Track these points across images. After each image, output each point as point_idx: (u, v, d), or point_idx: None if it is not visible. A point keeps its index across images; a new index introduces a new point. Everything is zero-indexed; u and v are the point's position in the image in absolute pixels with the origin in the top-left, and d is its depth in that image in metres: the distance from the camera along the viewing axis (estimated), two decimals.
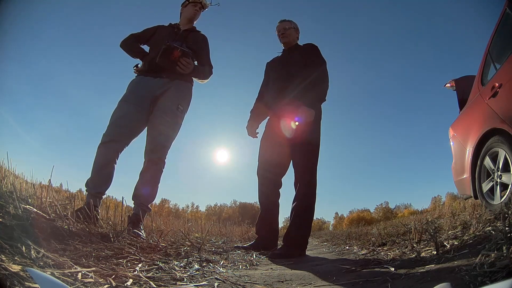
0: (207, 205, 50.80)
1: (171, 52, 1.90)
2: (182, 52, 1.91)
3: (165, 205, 41.04)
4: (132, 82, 2.02)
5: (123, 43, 2.11)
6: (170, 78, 1.97)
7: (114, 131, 1.83)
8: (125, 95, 1.96)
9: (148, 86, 1.95)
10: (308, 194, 2.09)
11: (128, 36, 2.12)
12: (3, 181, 1.51)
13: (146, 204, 1.87)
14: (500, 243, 0.82)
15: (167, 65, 1.91)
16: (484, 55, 2.30)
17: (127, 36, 2.12)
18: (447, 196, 28.83)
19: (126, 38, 2.12)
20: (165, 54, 1.90)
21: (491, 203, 2.04)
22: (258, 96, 2.50)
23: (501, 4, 2.10)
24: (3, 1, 1.45)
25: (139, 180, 1.88)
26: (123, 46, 2.11)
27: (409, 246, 1.47)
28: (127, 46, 2.11)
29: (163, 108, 1.93)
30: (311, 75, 2.17)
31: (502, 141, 1.89)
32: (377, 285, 0.91)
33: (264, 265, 1.59)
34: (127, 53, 2.10)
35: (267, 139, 2.32)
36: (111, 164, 1.82)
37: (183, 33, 2.12)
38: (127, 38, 2.12)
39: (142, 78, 2.00)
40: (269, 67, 2.47)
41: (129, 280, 0.80)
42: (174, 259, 1.25)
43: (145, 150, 1.91)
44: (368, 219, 32.37)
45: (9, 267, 0.63)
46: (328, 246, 3.24)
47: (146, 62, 2.02)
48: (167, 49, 1.89)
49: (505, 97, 1.91)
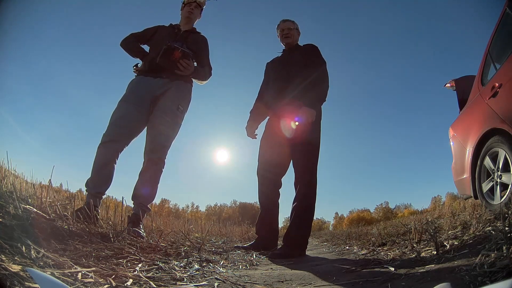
0: (207, 205, 50.87)
1: (171, 53, 1.90)
2: (183, 53, 1.91)
3: (165, 205, 41.07)
4: (132, 82, 2.02)
5: (123, 43, 2.11)
6: (170, 78, 1.97)
7: (114, 131, 1.83)
8: (125, 95, 1.96)
9: (148, 86, 1.95)
10: (308, 194, 2.09)
11: (128, 35, 2.12)
12: (3, 181, 1.51)
13: (145, 204, 1.87)
14: (500, 243, 0.82)
15: (167, 65, 1.91)
16: (484, 55, 2.30)
17: (127, 35, 2.12)
18: (447, 196, 28.90)
19: (126, 38, 2.11)
20: (165, 54, 1.90)
21: (491, 203, 2.03)
22: (258, 96, 2.50)
23: (501, 4, 2.10)
24: (3, 1, 1.45)
25: (139, 180, 1.88)
26: (123, 45, 2.11)
27: (409, 246, 1.47)
28: (127, 46, 2.11)
29: (163, 108, 1.92)
30: (311, 75, 2.17)
31: (502, 141, 1.89)
32: (377, 285, 0.91)
33: (264, 265, 1.59)
34: (127, 52, 2.10)
35: (267, 139, 2.32)
36: (111, 164, 1.82)
37: (183, 33, 2.12)
38: (127, 38, 2.11)
39: (142, 78, 2.00)
40: (269, 67, 2.47)
41: (129, 280, 0.80)
42: (174, 259, 1.25)
43: (145, 150, 1.91)
44: (368, 219, 32.39)
45: (9, 267, 0.63)
46: (328, 246, 3.24)
47: (146, 62, 2.02)
48: (167, 49, 1.89)
49: (505, 97, 1.91)
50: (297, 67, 2.22)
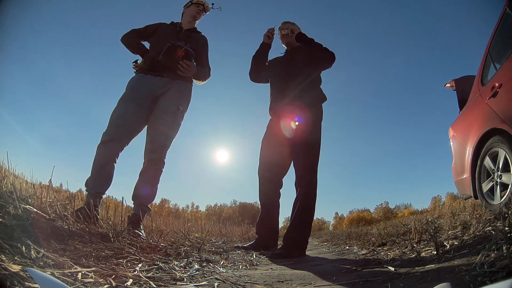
0: (207, 205, 50.86)
1: (174, 51, 1.88)
2: (186, 52, 1.90)
3: (165, 205, 41.06)
4: (132, 80, 2.00)
5: (124, 38, 2.09)
6: (171, 77, 1.96)
7: (114, 131, 1.82)
8: (125, 93, 1.94)
9: (148, 85, 1.94)
10: (309, 194, 2.09)
11: (129, 31, 2.10)
12: (3, 181, 1.51)
13: (146, 204, 1.87)
14: (500, 243, 0.82)
15: (169, 63, 1.90)
16: (484, 55, 2.30)
17: (129, 31, 2.10)
18: (447, 196, 28.91)
19: (128, 33, 2.09)
20: (168, 52, 1.88)
21: (491, 203, 2.03)
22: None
23: (501, 4, 2.10)
24: (3, 1, 1.45)
25: (139, 180, 1.88)
26: (124, 41, 2.08)
27: (409, 246, 1.47)
28: (128, 41, 2.08)
29: (163, 108, 1.92)
30: (311, 74, 2.17)
31: (502, 141, 1.89)
32: (377, 285, 0.91)
33: (264, 265, 1.59)
34: (128, 48, 2.08)
35: (268, 139, 2.32)
36: (111, 164, 1.82)
37: (185, 32, 2.11)
38: (128, 33, 2.09)
39: (142, 76, 1.98)
40: (271, 64, 2.45)
41: (129, 280, 0.80)
42: (174, 259, 1.26)
43: (145, 150, 1.91)
44: (368, 219, 32.36)
45: (9, 267, 0.63)
46: (328, 246, 3.25)
47: (147, 60, 2.00)
48: (171, 47, 1.88)
49: (505, 97, 1.91)
50: (299, 67, 2.22)
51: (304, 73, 2.18)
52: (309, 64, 2.22)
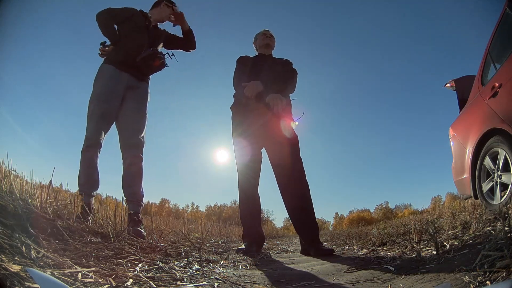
0: (207, 205, 50.79)
1: (153, 59, 1.98)
2: (162, 63, 2.02)
3: (165, 205, 41.09)
4: (104, 74, 1.95)
5: (100, 18, 2.00)
6: (138, 78, 2.01)
7: (93, 134, 1.85)
8: (99, 92, 1.91)
9: (121, 83, 1.94)
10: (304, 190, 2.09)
11: (106, 9, 2.00)
12: (3, 181, 1.51)
13: (141, 200, 1.90)
14: (500, 243, 0.82)
15: (144, 67, 1.98)
16: (484, 55, 2.30)
17: (106, 9, 2.00)
18: (447, 196, 28.86)
19: (105, 12, 2.00)
20: (148, 58, 1.96)
21: (491, 203, 2.04)
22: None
23: (501, 4, 2.10)
24: (3, 1, 1.45)
25: (129, 177, 1.89)
26: (100, 20, 2.00)
27: (409, 246, 1.47)
28: (106, 23, 2.00)
29: (132, 107, 1.96)
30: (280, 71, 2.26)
31: (502, 141, 1.89)
32: (377, 285, 0.91)
33: (264, 265, 1.59)
34: (101, 28, 2.00)
35: (244, 136, 2.33)
36: (96, 167, 1.86)
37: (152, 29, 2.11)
38: (105, 12, 2.00)
39: (114, 71, 1.94)
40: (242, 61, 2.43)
41: (129, 280, 0.80)
42: (174, 259, 1.26)
43: (124, 146, 1.93)
44: (368, 219, 32.36)
45: (9, 267, 0.63)
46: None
47: (121, 52, 1.97)
48: (152, 55, 1.97)
49: (505, 97, 1.91)
50: (269, 66, 2.28)
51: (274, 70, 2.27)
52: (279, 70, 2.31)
